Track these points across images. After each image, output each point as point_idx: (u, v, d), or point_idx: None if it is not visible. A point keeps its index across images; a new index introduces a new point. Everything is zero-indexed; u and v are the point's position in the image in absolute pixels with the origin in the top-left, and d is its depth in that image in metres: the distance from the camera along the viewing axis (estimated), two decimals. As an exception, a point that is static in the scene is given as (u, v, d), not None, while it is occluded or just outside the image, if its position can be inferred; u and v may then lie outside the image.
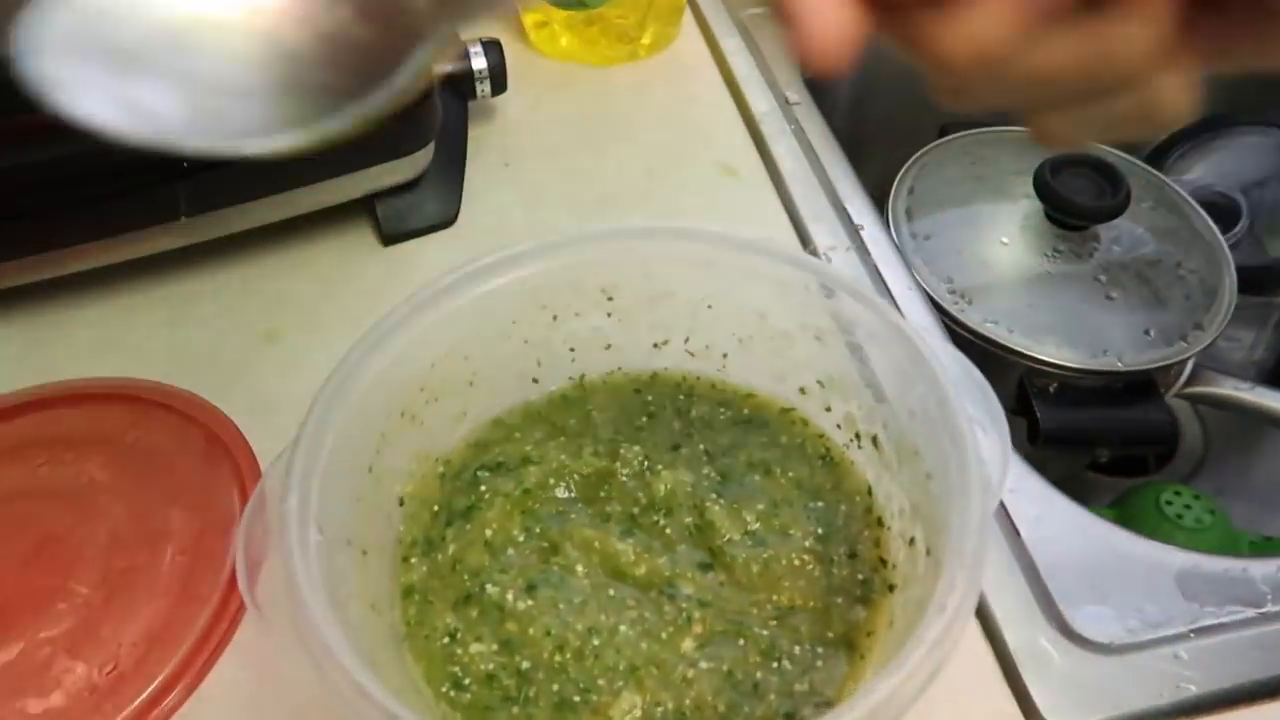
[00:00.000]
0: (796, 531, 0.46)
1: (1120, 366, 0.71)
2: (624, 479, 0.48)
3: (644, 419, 0.51)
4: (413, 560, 0.46)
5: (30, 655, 0.50)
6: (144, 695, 0.48)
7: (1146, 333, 0.72)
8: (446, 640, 0.43)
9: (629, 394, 0.53)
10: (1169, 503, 0.76)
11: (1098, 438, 0.73)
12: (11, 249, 0.60)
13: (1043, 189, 0.74)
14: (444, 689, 0.42)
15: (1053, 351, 0.71)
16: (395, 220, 0.70)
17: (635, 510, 0.47)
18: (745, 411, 0.52)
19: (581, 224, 0.72)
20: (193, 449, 0.59)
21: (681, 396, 0.52)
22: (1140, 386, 0.73)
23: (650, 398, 0.52)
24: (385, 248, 0.71)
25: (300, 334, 0.66)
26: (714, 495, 0.47)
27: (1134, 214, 0.78)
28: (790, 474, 0.48)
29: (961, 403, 0.40)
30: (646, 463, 0.48)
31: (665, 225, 0.49)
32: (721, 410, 0.52)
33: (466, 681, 0.42)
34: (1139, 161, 0.84)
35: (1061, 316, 0.73)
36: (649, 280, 0.50)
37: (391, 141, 0.65)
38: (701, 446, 0.50)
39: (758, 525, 0.46)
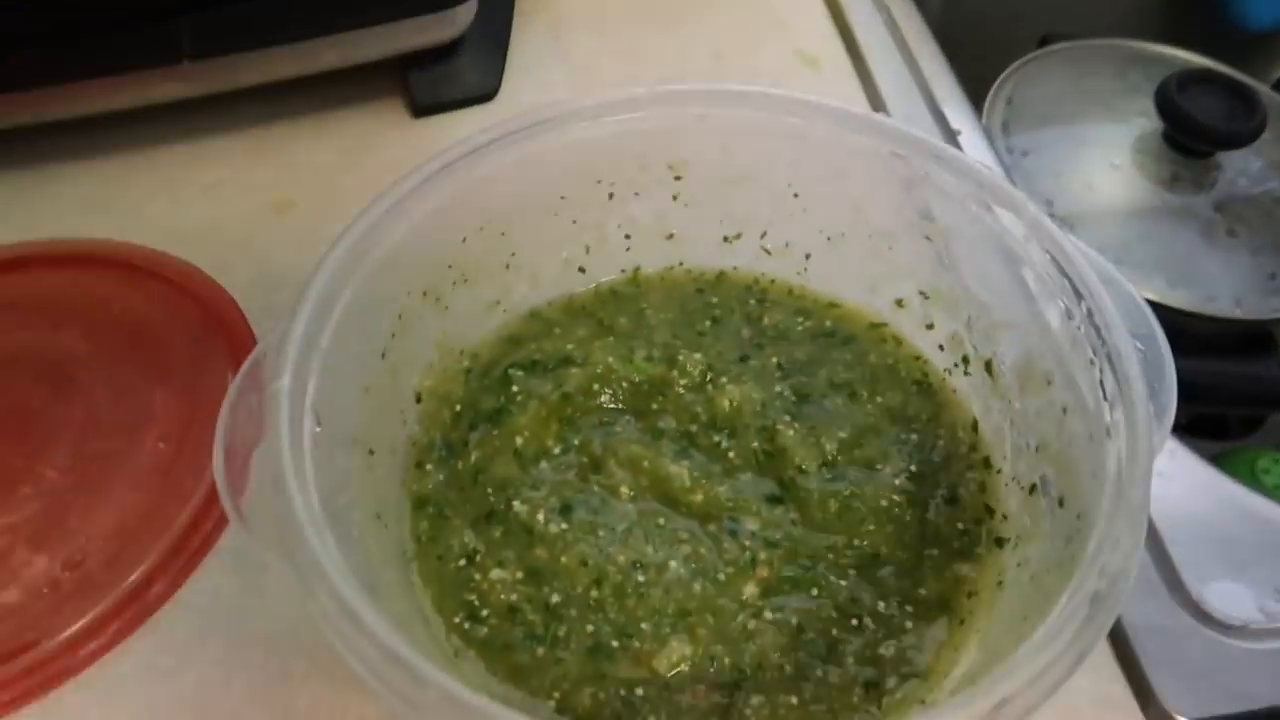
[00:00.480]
0: (885, 467, 0.39)
1: (1237, 314, 0.62)
2: (681, 390, 0.41)
3: (707, 323, 0.44)
4: (428, 467, 0.39)
5: (-14, 542, 0.43)
6: (111, 597, 0.42)
7: (1272, 278, 0.64)
8: (463, 563, 0.36)
9: (690, 293, 0.45)
10: (1266, 471, 0.68)
11: (1201, 392, 0.65)
12: (-8, 80, 0.52)
13: (1166, 106, 0.65)
14: (457, 619, 0.35)
15: (1160, 291, 0.63)
16: (429, 89, 0.62)
17: (693, 428, 0.40)
18: (827, 324, 0.44)
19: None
20: (185, 325, 0.52)
21: (753, 301, 0.45)
22: (1257, 338, 0.65)
23: (716, 300, 0.45)
24: (416, 119, 0.63)
25: (315, 207, 0.59)
26: (787, 417, 0.39)
27: (1264, 146, 0.68)
28: (879, 399, 0.41)
29: (1120, 322, 0.32)
30: (709, 373, 0.41)
31: (751, 89, 0.40)
32: (799, 320, 0.44)
33: (484, 613, 0.35)
34: (1273, 90, 0.74)
35: (1172, 253, 0.65)
36: (726, 158, 0.42)
37: (429, -11, 0.56)
38: (775, 359, 0.42)
39: (838, 456, 0.39)
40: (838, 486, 0.38)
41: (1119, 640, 0.40)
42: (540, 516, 0.36)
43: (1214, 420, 0.81)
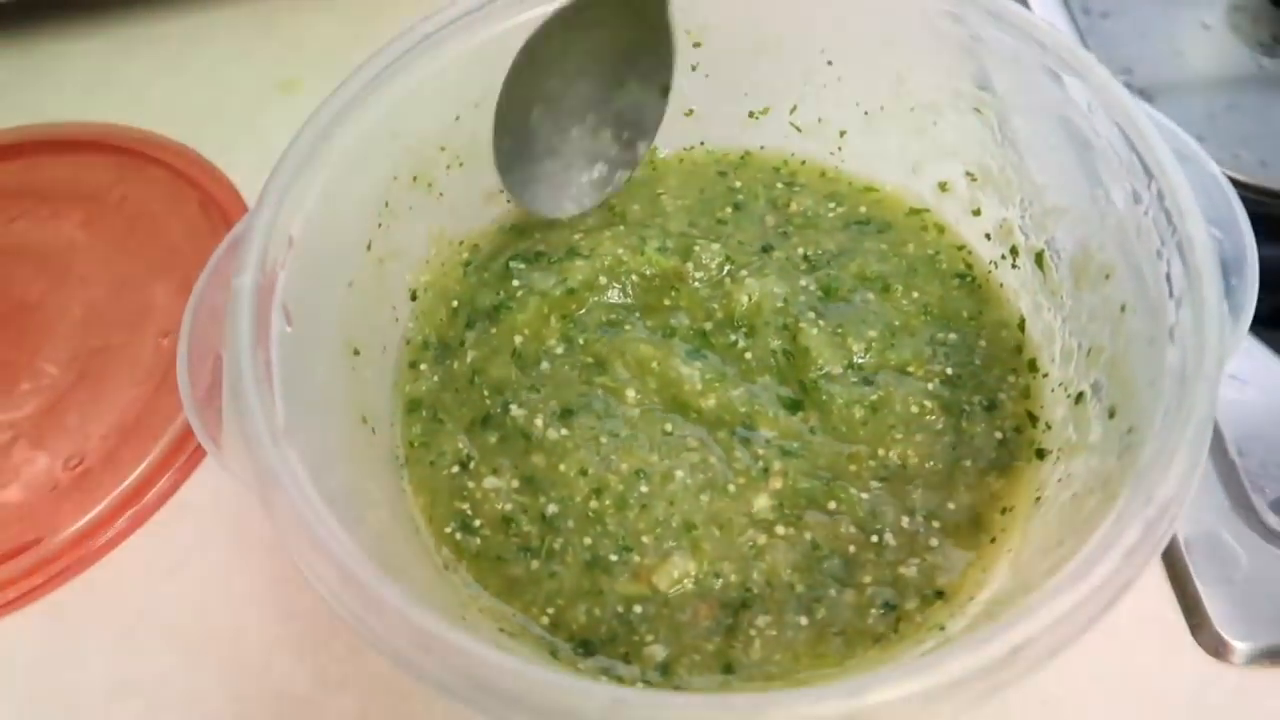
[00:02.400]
0: (917, 369, 0.35)
1: (1336, 195, 0.56)
2: (696, 284, 0.37)
3: (728, 210, 0.40)
4: (422, 367, 0.37)
5: (-13, 439, 0.43)
6: (112, 495, 0.41)
7: (1378, 154, 0.57)
8: (456, 469, 0.34)
9: (711, 177, 0.41)
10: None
11: (1289, 283, 0.59)
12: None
13: (1273, -46, 0.57)
14: (449, 529, 0.33)
15: (1252, 169, 0.56)
16: (440, -48, 0.57)
17: (708, 326, 0.36)
18: (862, 209, 0.39)
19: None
20: (186, 214, 0.49)
21: (780, 185, 0.40)
22: (1356, 222, 0.58)
23: (739, 183, 0.40)
24: (427, -13, 0.58)
25: (321, 86, 0.54)
26: (812, 314, 0.36)
27: (1380, 1, 0.60)
28: (915, 294, 0.37)
29: (1196, 208, 0.27)
30: (728, 266, 0.37)
31: (779, -60, 0.35)
32: (831, 206, 0.39)
33: (477, 523, 0.33)
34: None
35: (1268, 128, 0.58)
36: (751, 20, 0.37)
37: None
38: (801, 250, 0.38)
39: (867, 358, 0.35)
40: (864, 391, 0.34)
41: (1171, 555, 0.36)
42: (538, 422, 0.34)
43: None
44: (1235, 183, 0.56)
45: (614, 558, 0.32)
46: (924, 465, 0.33)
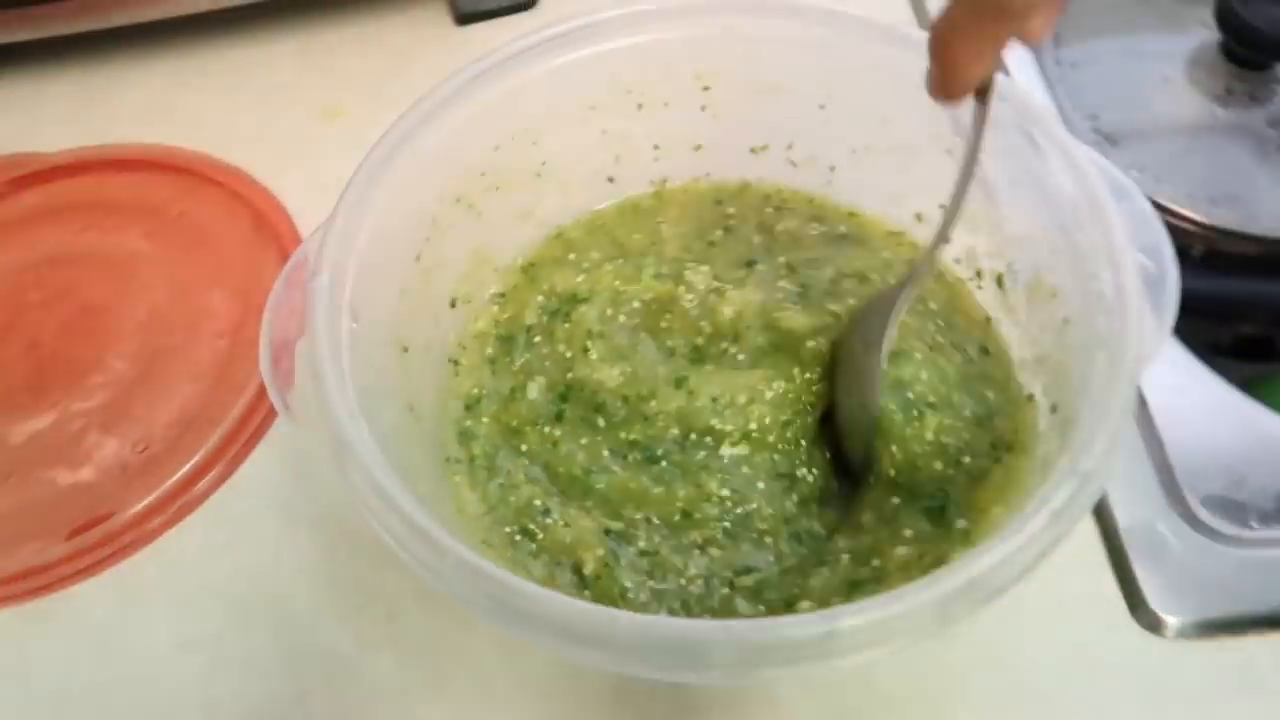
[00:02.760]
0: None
1: (1281, 233, 0.61)
2: (687, 305, 0.42)
3: (719, 233, 0.45)
4: (473, 420, 0.41)
5: (62, 427, 0.47)
6: (175, 478, 0.45)
7: (1320, 196, 0.62)
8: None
9: (708, 205, 0.46)
10: (1304, 394, 0.68)
11: (1241, 312, 0.64)
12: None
13: (1226, 14, 0.63)
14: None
15: (1204, 209, 0.62)
16: (471, -4, 0.63)
17: (699, 340, 0.41)
18: (842, 229, 0.45)
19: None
20: (240, 229, 0.55)
21: (770, 210, 0.46)
22: (1301, 258, 0.63)
23: (732, 210, 0.46)
24: (459, 27, 0.64)
25: (362, 114, 0.61)
26: (790, 306, 0.41)
27: (1326, 60, 0.66)
28: (891, 280, 0.42)
29: (1126, 236, 0.33)
30: (715, 284, 0.42)
31: (778, 1, 0.41)
32: (814, 226, 0.45)
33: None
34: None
35: (1220, 171, 0.63)
36: (754, 68, 0.43)
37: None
38: (782, 259, 0.43)
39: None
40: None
41: (1112, 543, 0.41)
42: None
43: (1260, 343, 0.80)
44: (1191, 220, 0.62)
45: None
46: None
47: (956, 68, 0.30)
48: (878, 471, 0.37)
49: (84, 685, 0.41)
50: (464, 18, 0.63)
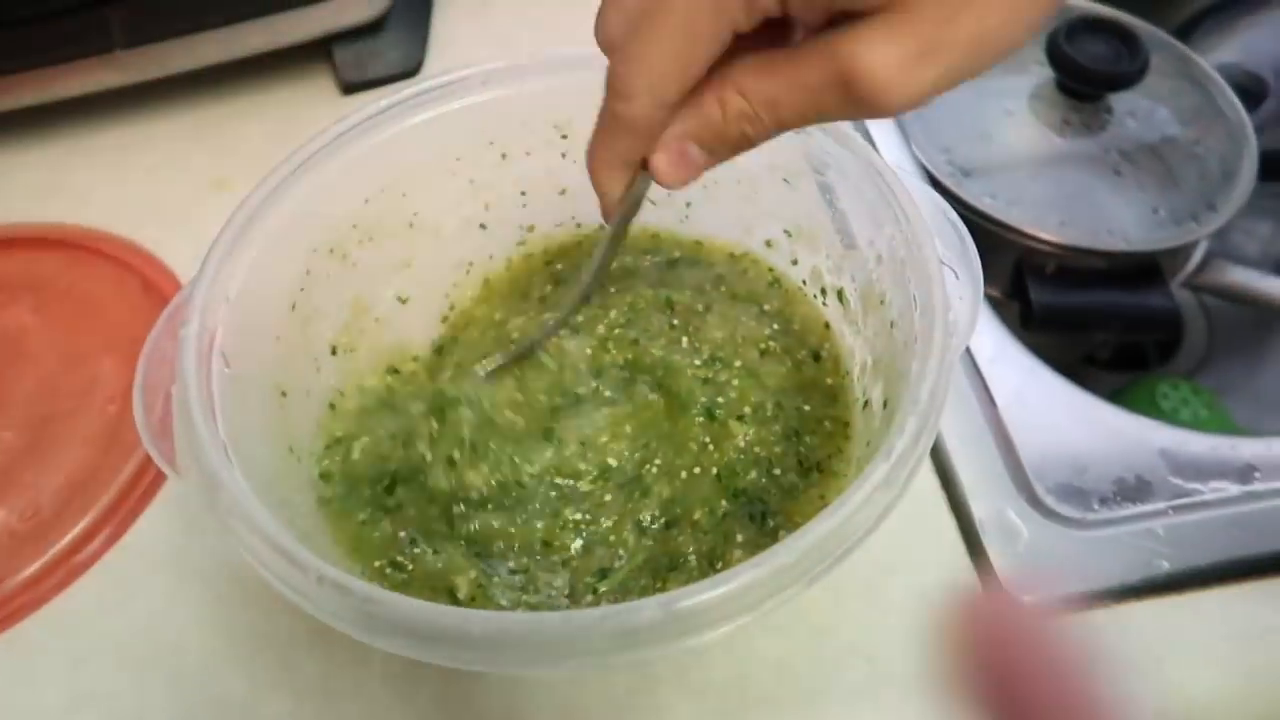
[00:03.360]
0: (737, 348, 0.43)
1: (1124, 246, 0.66)
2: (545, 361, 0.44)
3: (548, 288, 0.48)
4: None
5: (-51, 498, 0.48)
6: (64, 541, 0.46)
7: (1155, 211, 0.68)
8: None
9: (539, 268, 0.49)
10: (1165, 395, 0.73)
11: (1096, 321, 0.69)
12: (-67, 75, 0.56)
13: (1055, 53, 0.69)
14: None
15: (1053, 229, 0.67)
16: (355, 67, 0.66)
17: (559, 400, 0.43)
18: (676, 254, 0.48)
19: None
20: (129, 297, 0.56)
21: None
22: (1145, 270, 0.69)
23: (560, 266, 0.49)
24: (344, 96, 0.66)
25: (250, 183, 0.62)
26: (620, 331, 0.44)
27: (1153, 89, 0.72)
28: (723, 288, 0.46)
29: (932, 241, 0.36)
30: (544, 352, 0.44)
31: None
32: (648, 257, 0.48)
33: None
34: (1163, 33, 0.78)
35: (1065, 193, 0.69)
36: (605, 116, 0.46)
37: (343, -28, 0.60)
38: (613, 290, 0.46)
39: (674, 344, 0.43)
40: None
41: (969, 534, 0.44)
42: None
43: (1133, 353, 0.85)
44: (1043, 239, 0.66)
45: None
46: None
47: (595, 181, 0.33)
48: None
49: (-28, 754, 0.41)
50: (349, 87, 0.66)
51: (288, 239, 0.41)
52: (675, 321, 0.45)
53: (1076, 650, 0.22)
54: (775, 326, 0.43)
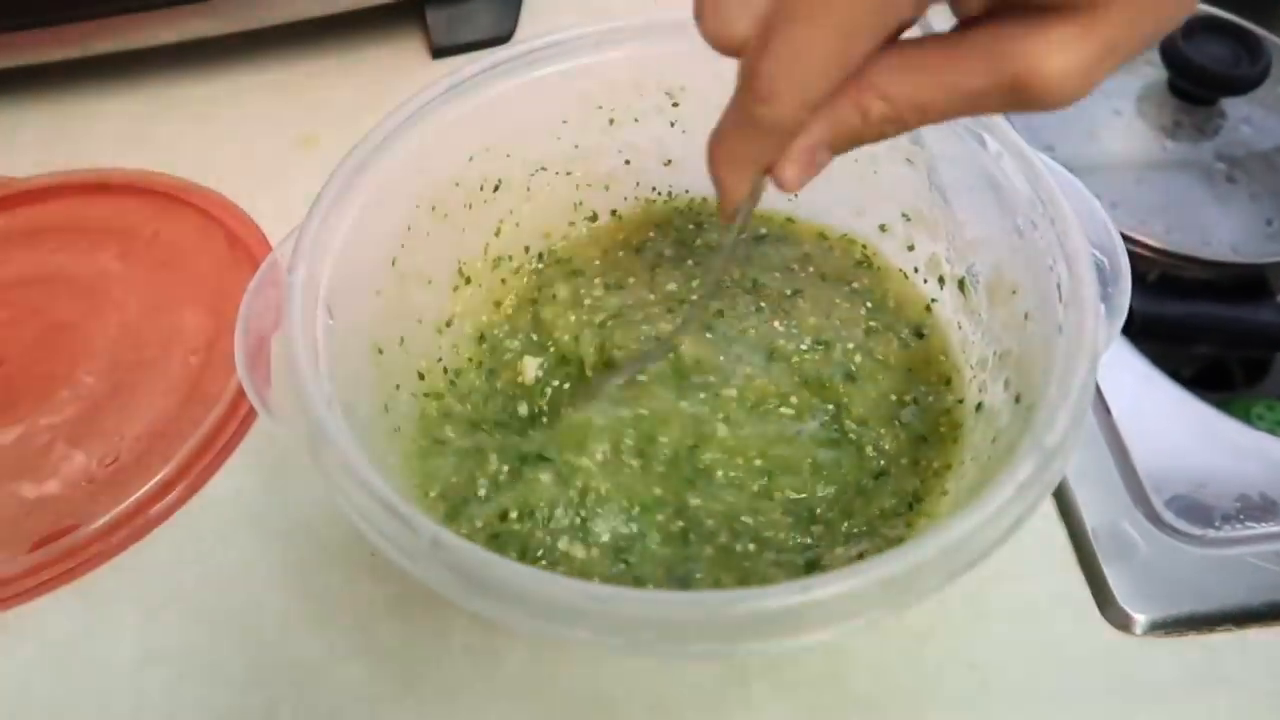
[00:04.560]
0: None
1: (1233, 258, 0.63)
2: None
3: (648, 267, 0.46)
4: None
5: (29, 440, 0.47)
6: (141, 491, 0.45)
7: (1269, 223, 0.65)
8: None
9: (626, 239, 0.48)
10: (1260, 416, 0.70)
11: (1198, 333, 0.66)
12: (32, 13, 0.55)
13: (1170, 53, 0.66)
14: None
15: (1158, 235, 0.64)
16: (446, 30, 0.64)
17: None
18: (763, 231, 0.46)
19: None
20: (214, 250, 0.55)
21: (690, 226, 0.47)
22: (1252, 283, 0.66)
23: (655, 237, 0.47)
24: (434, 60, 0.65)
25: (337, 143, 0.59)
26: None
27: (1269, 97, 0.69)
28: (811, 269, 0.45)
29: (1081, 232, 0.34)
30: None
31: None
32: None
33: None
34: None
35: (1171, 199, 0.66)
36: (719, 85, 0.43)
37: (446, -70, 0.58)
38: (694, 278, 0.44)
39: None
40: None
41: (1081, 544, 0.42)
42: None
43: (1219, 373, 0.82)
44: (1145, 245, 0.64)
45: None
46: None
47: (719, 179, 0.30)
48: None
49: (44, 700, 0.40)
50: (439, 51, 0.65)
51: (392, 193, 0.39)
52: (762, 304, 0.43)
53: None
54: (869, 305, 0.42)
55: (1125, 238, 0.63)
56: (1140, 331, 0.65)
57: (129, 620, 0.42)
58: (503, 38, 0.65)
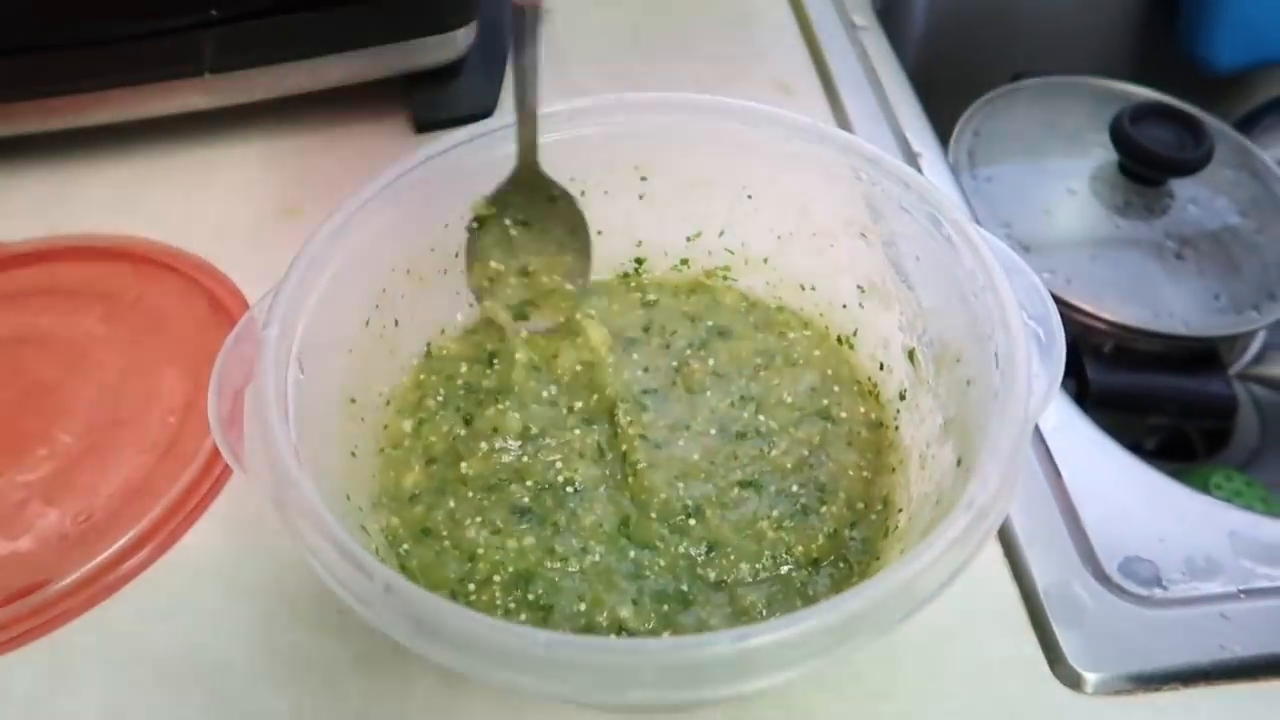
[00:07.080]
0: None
1: (1184, 331, 0.66)
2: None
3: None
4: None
5: (4, 496, 0.48)
6: (114, 548, 0.46)
7: (1216, 298, 0.67)
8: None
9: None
10: (1219, 486, 0.72)
11: (1151, 404, 0.68)
12: (31, 86, 0.57)
13: (1120, 136, 0.69)
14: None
15: (1111, 309, 0.66)
16: (430, 107, 0.67)
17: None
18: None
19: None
20: (195, 313, 0.56)
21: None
22: (1202, 355, 0.68)
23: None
24: (418, 134, 0.68)
25: (320, 213, 0.62)
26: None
27: (1213, 178, 0.72)
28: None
29: (1013, 297, 0.36)
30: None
31: (704, 99, 0.45)
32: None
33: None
34: (1225, 125, 0.79)
35: (1124, 274, 0.69)
36: (686, 162, 0.47)
37: (432, 13, 0.61)
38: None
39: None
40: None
41: (1033, 605, 0.43)
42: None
43: (1181, 443, 0.84)
44: (1100, 319, 0.66)
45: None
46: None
47: None
48: None
49: (4, 756, 0.40)
50: (423, 126, 0.67)
51: (368, 255, 0.41)
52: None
53: None
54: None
55: (1080, 311, 0.66)
56: (1096, 401, 0.67)
57: (94, 678, 0.43)
58: (483, 114, 0.68)
